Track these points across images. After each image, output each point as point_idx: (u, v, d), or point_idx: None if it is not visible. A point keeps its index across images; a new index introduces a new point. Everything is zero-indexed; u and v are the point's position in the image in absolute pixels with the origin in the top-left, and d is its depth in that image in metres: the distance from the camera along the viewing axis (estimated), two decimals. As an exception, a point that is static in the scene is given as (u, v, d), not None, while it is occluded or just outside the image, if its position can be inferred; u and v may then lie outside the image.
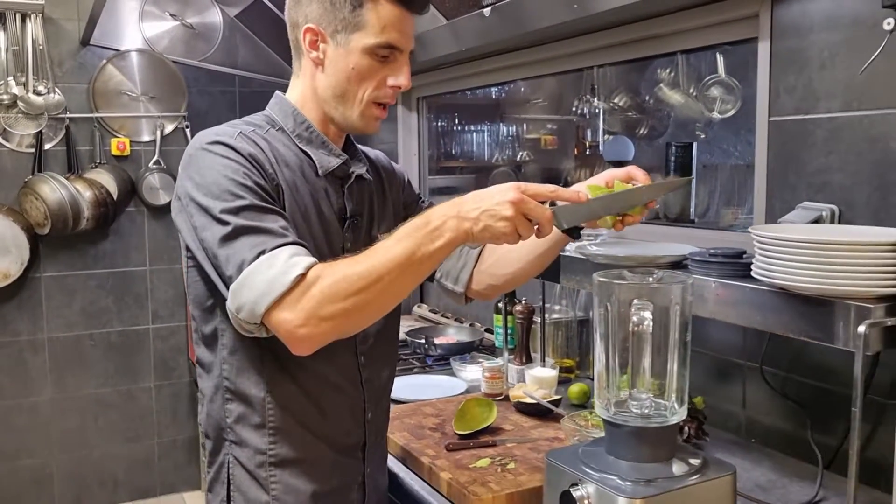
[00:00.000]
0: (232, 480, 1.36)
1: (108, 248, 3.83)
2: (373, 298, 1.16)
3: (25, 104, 3.54)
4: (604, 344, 1.26)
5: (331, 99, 1.34)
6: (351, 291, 1.14)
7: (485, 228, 1.15)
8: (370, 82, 1.32)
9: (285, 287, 1.13)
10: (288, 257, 1.15)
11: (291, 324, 1.14)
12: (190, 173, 1.26)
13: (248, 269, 1.15)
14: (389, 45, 1.30)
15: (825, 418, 1.65)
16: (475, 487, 1.47)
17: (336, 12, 1.29)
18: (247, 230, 1.18)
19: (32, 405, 3.74)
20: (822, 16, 1.61)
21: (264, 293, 1.14)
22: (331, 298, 1.14)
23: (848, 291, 1.23)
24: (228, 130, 1.30)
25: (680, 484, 1.20)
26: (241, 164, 1.24)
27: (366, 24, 1.29)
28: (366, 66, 1.31)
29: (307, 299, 1.14)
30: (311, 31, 1.31)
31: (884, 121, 1.50)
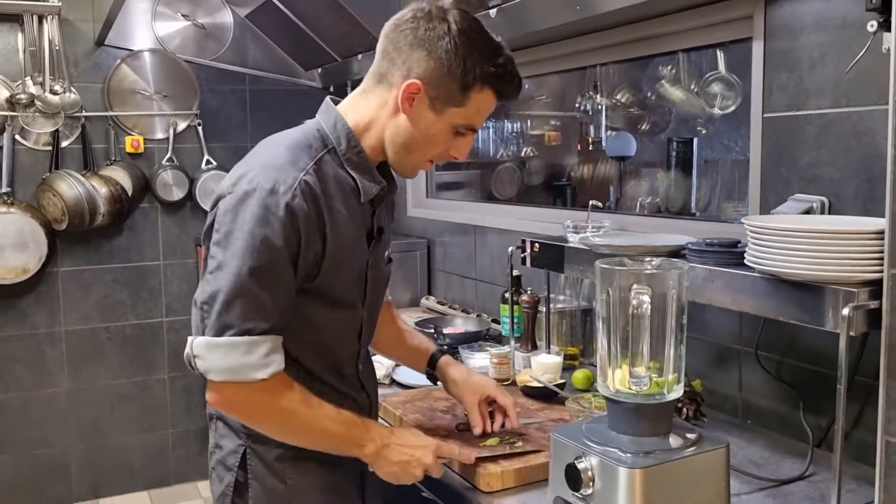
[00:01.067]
0: (250, 469, 1.44)
1: (123, 243, 3.92)
2: (286, 435, 1.39)
3: (42, 103, 3.62)
4: (605, 327, 1.35)
5: (398, 144, 1.39)
6: (281, 423, 1.36)
7: (390, 474, 1.44)
8: (438, 148, 1.41)
9: (248, 380, 1.28)
10: (265, 355, 1.28)
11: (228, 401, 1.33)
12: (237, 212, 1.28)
13: (230, 340, 1.26)
14: (472, 128, 1.41)
15: (817, 399, 1.74)
16: (485, 463, 1.56)
17: (447, 82, 1.34)
18: (251, 295, 1.26)
19: (50, 396, 3.84)
20: (812, 17, 1.70)
21: (230, 372, 1.27)
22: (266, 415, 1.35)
23: (835, 277, 1.31)
24: (290, 180, 1.30)
25: (677, 456, 1.28)
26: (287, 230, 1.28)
27: (466, 105, 1.36)
28: (444, 136, 1.39)
29: (252, 402, 1.32)
30: (415, 86, 1.34)
31: (870, 117, 1.58)
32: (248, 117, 4.11)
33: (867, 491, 1.44)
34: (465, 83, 1.34)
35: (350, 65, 3.45)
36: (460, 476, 1.60)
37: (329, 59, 3.60)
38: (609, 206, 2.93)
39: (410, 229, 3.64)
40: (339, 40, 3.33)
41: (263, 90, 4.09)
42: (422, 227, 3.55)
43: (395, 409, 1.90)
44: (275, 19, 3.57)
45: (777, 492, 1.52)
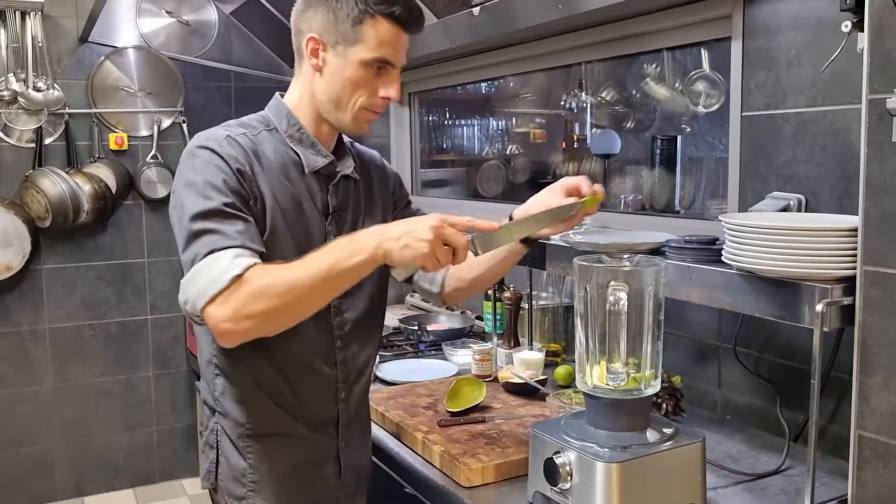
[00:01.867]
0: (220, 446, 1.51)
1: (107, 240, 3.91)
2: (293, 304, 1.27)
3: (25, 100, 3.61)
4: (584, 323, 1.36)
5: (326, 102, 1.45)
6: (273, 295, 1.25)
7: (405, 247, 1.26)
8: (363, 91, 1.43)
9: (221, 286, 1.24)
10: (232, 258, 1.26)
11: (217, 318, 1.25)
12: (179, 172, 1.39)
13: (196, 266, 1.28)
14: (383, 60, 1.42)
15: (793, 395, 1.76)
16: (466, 459, 1.58)
17: (338, 25, 1.40)
18: (206, 231, 1.30)
19: (34, 394, 3.82)
20: (789, 17, 1.72)
21: (204, 289, 1.25)
22: (256, 299, 1.25)
23: (809, 274, 1.33)
24: (218, 134, 1.42)
25: (653, 450, 1.30)
26: (220, 169, 1.35)
27: (364, 39, 1.40)
28: (360, 76, 1.42)
29: (235, 298, 1.25)
30: (313, 40, 1.42)
31: (845, 115, 1.61)
32: (233, 114, 4.02)
33: (841, 484, 1.46)
34: (353, 20, 1.39)
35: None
36: (440, 471, 1.62)
37: (314, 56, 3.59)
38: (593, 203, 2.93)
39: (395, 226, 3.63)
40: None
41: (248, 87, 4.08)
42: (407, 225, 3.55)
43: (378, 405, 1.91)
44: (259, 16, 3.57)
45: (753, 486, 1.54)
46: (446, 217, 1.31)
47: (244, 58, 4.00)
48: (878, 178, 1.17)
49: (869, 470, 1.21)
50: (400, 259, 1.27)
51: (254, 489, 1.48)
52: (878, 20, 1.16)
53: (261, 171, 1.41)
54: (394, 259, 1.27)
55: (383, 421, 1.86)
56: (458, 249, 1.30)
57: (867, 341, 1.21)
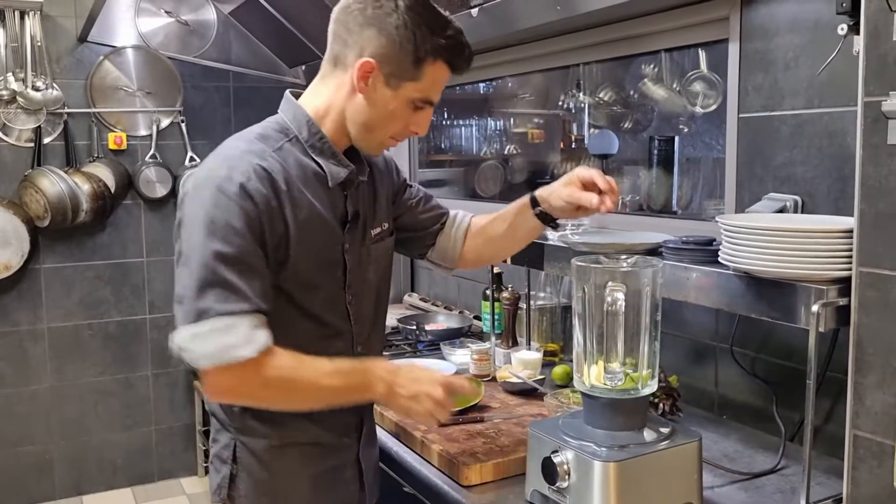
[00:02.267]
0: (238, 461, 1.45)
1: (106, 240, 3.91)
2: (291, 405, 1.38)
3: (24, 100, 3.61)
4: (581, 323, 1.37)
5: (359, 125, 1.40)
6: (282, 392, 1.33)
7: (405, 408, 1.39)
8: (398, 124, 1.42)
9: (234, 360, 1.24)
10: (248, 329, 1.25)
11: (221, 386, 1.30)
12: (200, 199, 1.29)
13: (209, 322, 1.24)
14: (429, 101, 1.41)
15: (789, 394, 1.77)
16: (464, 458, 1.59)
17: (399, 57, 1.34)
18: (223, 283, 1.25)
19: (33, 393, 3.83)
20: (786, 20, 1.73)
21: (214, 355, 1.25)
22: (264, 388, 1.30)
23: (805, 275, 1.34)
24: (247, 164, 1.32)
25: (650, 449, 1.31)
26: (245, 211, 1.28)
27: (420, 79, 1.36)
28: (402, 111, 1.40)
29: (243, 380, 1.28)
30: (368, 64, 1.34)
31: (841, 118, 1.62)
32: (232, 114, 4.11)
33: (836, 483, 1.47)
34: (417, 57, 1.35)
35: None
36: (439, 470, 1.63)
37: (313, 56, 3.60)
38: (591, 203, 2.94)
39: (394, 226, 3.64)
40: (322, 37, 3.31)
41: (247, 87, 4.09)
42: (405, 225, 3.56)
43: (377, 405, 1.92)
44: (258, 16, 3.58)
45: (749, 485, 1.55)
46: (449, 384, 1.41)
47: (243, 58, 4.01)
48: (874, 180, 1.18)
49: (864, 469, 1.22)
50: (397, 410, 1.43)
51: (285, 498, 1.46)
52: (874, 23, 1.17)
53: (287, 196, 1.35)
54: (392, 407, 1.43)
55: (382, 420, 1.87)
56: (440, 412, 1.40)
57: (862, 342, 1.22)
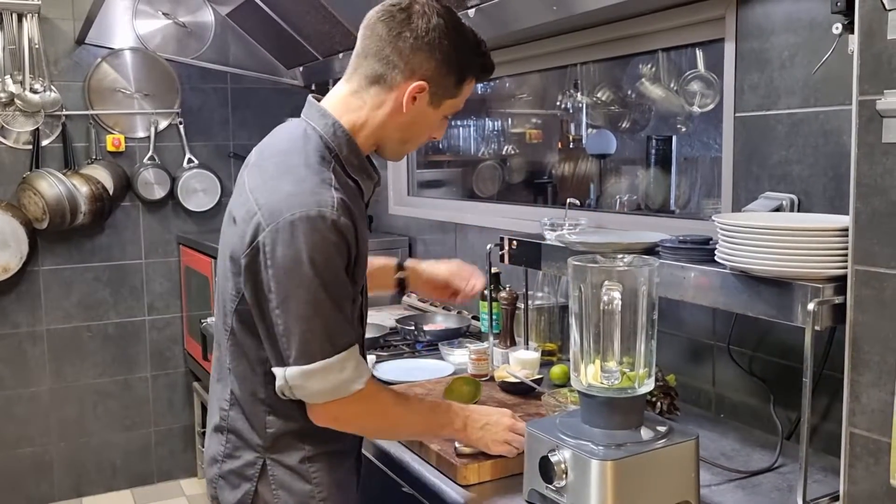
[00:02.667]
0: (273, 479, 1.46)
1: (105, 241, 3.92)
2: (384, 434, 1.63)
3: (22, 102, 3.62)
4: (578, 323, 1.38)
5: (397, 138, 1.46)
6: (379, 423, 1.49)
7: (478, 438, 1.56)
8: (427, 132, 1.50)
9: (348, 394, 1.36)
10: (355, 366, 1.36)
11: (334, 415, 1.39)
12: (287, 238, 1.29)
13: (323, 363, 1.32)
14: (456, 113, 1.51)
15: (786, 393, 1.78)
16: (462, 458, 1.59)
17: (446, 80, 1.42)
18: (332, 324, 1.33)
19: (32, 395, 3.83)
20: (782, 19, 1.73)
21: (330, 392, 1.34)
22: (368, 416, 1.45)
23: (801, 273, 1.35)
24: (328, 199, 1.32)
25: (647, 448, 1.32)
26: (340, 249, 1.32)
27: (458, 96, 1.46)
28: (435, 123, 1.49)
29: (352, 411, 1.40)
30: (420, 86, 1.39)
31: (837, 116, 1.62)
32: (230, 116, 4.11)
33: (834, 481, 1.48)
34: (460, 78, 1.43)
35: (331, 63, 3.47)
36: (437, 470, 1.63)
37: (310, 57, 3.61)
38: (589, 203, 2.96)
39: (392, 227, 3.66)
40: (320, 39, 3.35)
41: (245, 88, 4.10)
42: (403, 225, 3.57)
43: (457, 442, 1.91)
44: (256, 18, 3.58)
45: (746, 483, 1.56)
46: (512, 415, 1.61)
47: (241, 59, 4.01)
48: (869, 179, 1.18)
49: (860, 467, 1.23)
50: (471, 441, 1.57)
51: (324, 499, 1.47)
52: (868, 22, 1.17)
53: (359, 221, 1.39)
54: (468, 440, 1.57)
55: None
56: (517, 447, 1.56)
57: (858, 340, 1.22)
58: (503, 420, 1.57)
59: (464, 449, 1.60)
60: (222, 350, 1.49)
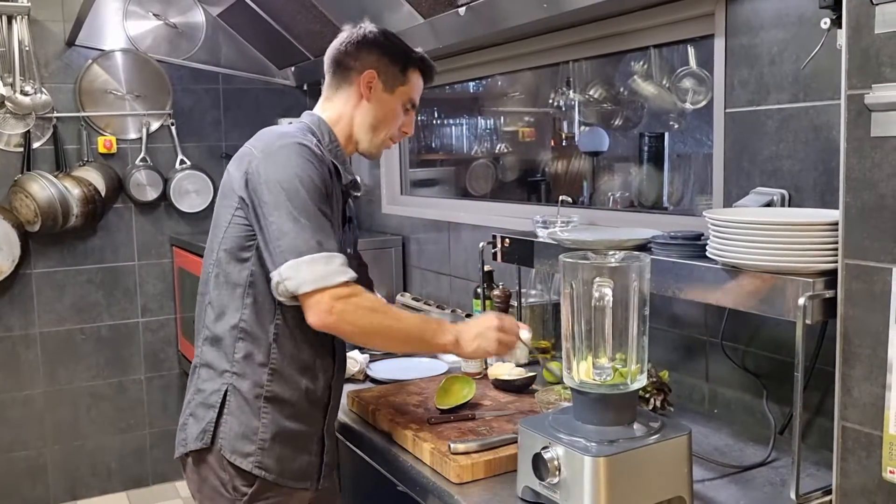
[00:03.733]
0: (227, 406, 1.62)
1: (97, 243, 3.91)
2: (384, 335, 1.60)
3: (13, 104, 3.60)
4: (570, 319, 1.38)
5: (365, 126, 1.74)
6: (376, 320, 1.56)
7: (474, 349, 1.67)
8: (394, 124, 1.78)
9: (335, 283, 1.50)
10: (341, 263, 1.52)
11: (328, 309, 1.50)
12: (272, 162, 1.56)
13: (311, 256, 1.49)
14: (413, 103, 1.79)
15: (779, 388, 1.78)
16: (456, 455, 1.59)
17: (391, 67, 1.74)
18: (312, 226, 1.51)
19: (26, 398, 3.82)
20: (771, 14, 1.74)
21: (318, 279, 1.49)
22: (363, 314, 1.54)
23: (791, 267, 1.35)
24: (305, 138, 1.62)
25: (640, 444, 1.32)
26: (318, 169, 1.57)
27: (407, 83, 1.76)
28: (397, 111, 1.77)
29: (347, 302, 1.51)
30: (370, 74, 1.72)
31: (826, 111, 1.62)
32: (222, 116, 4.10)
33: (827, 475, 1.48)
34: (403, 66, 1.76)
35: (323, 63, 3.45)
36: (431, 468, 1.63)
37: (302, 57, 3.60)
38: (583, 201, 2.96)
39: (385, 226, 3.66)
40: (311, 39, 3.34)
41: (237, 89, 4.09)
42: (397, 225, 3.57)
43: (369, 403, 1.93)
44: (247, 18, 3.58)
45: (740, 478, 1.56)
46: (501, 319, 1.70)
47: (232, 60, 4.01)
48: (858, 173, 1.19)
49: (853, 460, 1.23)
50: (471, 354, 1.70)
51: (262, 447, 1.61)
52: (856, 17, 1.17)
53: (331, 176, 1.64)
54: (464, 353, 1.70)
55: (374, 419, 1.87)
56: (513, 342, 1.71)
57: (849, 333, 1.22)
58: (491, 324, 1.67)
59: (458, 447, 1.60)
60: (205, 298, 1.69)
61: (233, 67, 4.01)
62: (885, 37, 1.14)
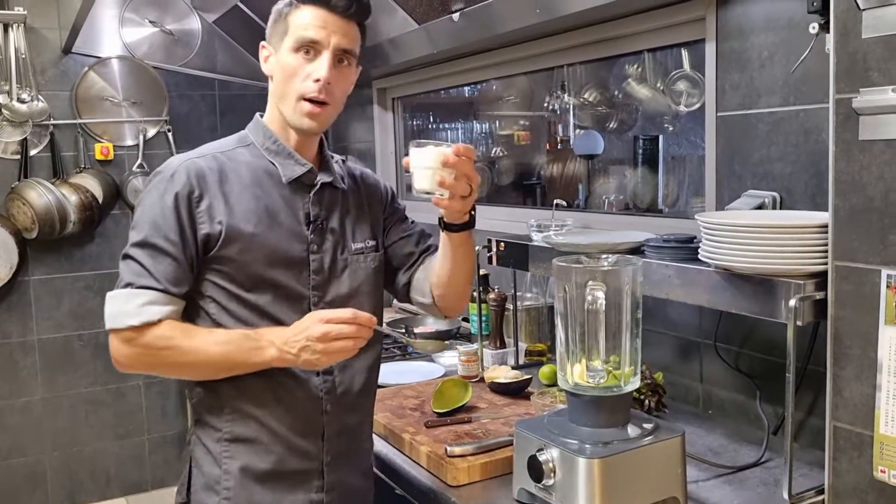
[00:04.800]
0: (192, 455, 1.51)
1: (95, 250, 3.91)
2: (182, 369, 1.45)
3: (10, 112, 3.61)
4: (563, 323, 1.39)
5: (278, 102, 1.49)
6: (167, 362, 1.40)
7: (303, 363, 1.39)
8: (296, 78, 1.44)
9: (123, 326, 1.37)
10: (142, 304, 1.37)
11: (117, 354, 1.41)
12: (141, 196, 1.47)
13: (115, 292, 1.40)
14: (309, 41, 1.43)
15: (772, 388, 1.80)
16: (452, 458, 1.60)
17: (274, 27, 1.48)
18: (135, 260, 1.40)
19: (24, 405, 3.82)
20: (760, 19, 1.75)
21: (112, 319, 1.39)
22: (151, 355, 1.39)
23: (782, 269, 1.37)
24: (177, 161, 1.47)
25: (634, 445, 1.33)
26: (164, 204, 1.41)
27: (289, 30, 1.44)
28: (291, 64, 1.44)
29: (135, 344, 1.38)
30: (263, 48, 1.51)
31: (816, 114, 1.64)
32: (219, 122, 4.11)
33: (819, 475, 1.49)
34: (282, 16, 1.46)
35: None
36: (427, 471, 1.64)
37: (297, 63, 3.61)
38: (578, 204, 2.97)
39: (382, 231, 3.65)
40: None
41: (233, 95, 4.10)
42: (393, 229, 3.57)
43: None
44: (242, 24, 3.58)
45: (733, 478, 1.57)
46: (324, 316, 1.38)
47: (228, 66, 4.02)
48: (847, 175, 1.20)
49: (844, 460, 1.24)
50: (303, 365, 1.39)
51: (227, 497, 1.45)
52: (844, 22, 1.19)
53: (218, 190, 1.45)
54: (297, 365, 1.40)
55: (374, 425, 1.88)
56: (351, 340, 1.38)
57: (839, 334, 1.24)
58: (315, 333, 1.36)
59: (454, 450, 1.61)
60: None
61: (229, 74, 4.02)
62: (872, 41, 1.15)
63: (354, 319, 1.37)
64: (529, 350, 2.39)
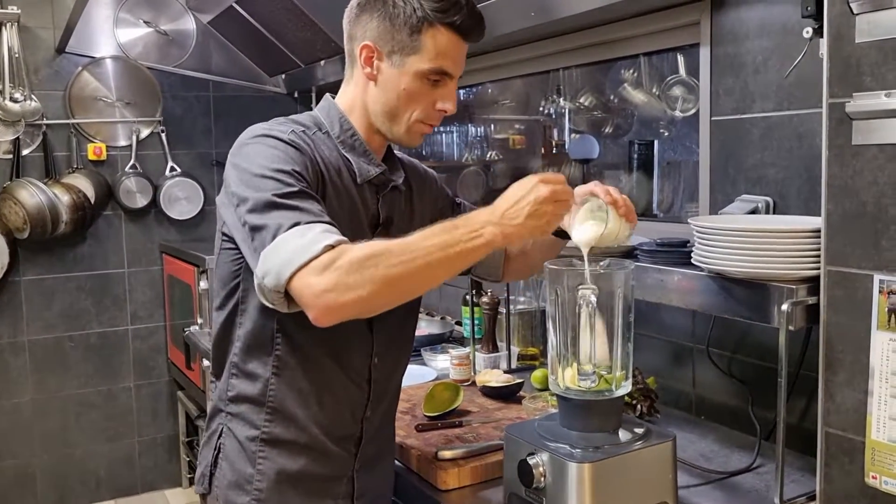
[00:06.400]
0: (222, 449, 1.43)
1: (87, 251, 3.90)
2: (401, 277, 1.17)
3: (2, 111, 3.60)
4: (555, 326, 1.38)
5: (380, 114, 1.39)
6: (381, 265, 1.16)
7: (534, 228, 1.25)
8: (419, 104, 1.38)
9: (314, 254, 1.14)
10: (321, 231, 1.18)
11: (317, 287, 1.14)
12: (238, 161, 1.30)
13: (281, 236, 1.17)
14: (441, 72, 1.35)
15: (765, 394, 1.79)
16: (442, 462, 1.59)
17: (395, 33, 1.34)
18: (286, 206, 1.21)
19: (14, 406, 3.80)
20: (755, 24, 1.75)
21: (292, 258, 1.15)
22: (359, 269, 1.14)
23: (775, 274, 1.36)
24: (281, 127, 1.34)
25: (624, 450, 1.32)
26: (290, 156, 1.28)
27: (422, 49, 1.33)
28: (416, 88, 1.36)
29: (335, 267, 1.14)
30: (367, 48, 1.36)
31: (809, 119, 1.64)
32: (213, 124, 4.10)
33: (811, 481, 1.49)
34: (411, 28, 1.33)
35: (314, 71, 3.47)
36: (417, 475, 1.63)
37: (293, 65, 3.61)
38: (572, 208, 2.96)
39: (376, 234, 3.65)
40: (302, 46, 3.35)
41: (227, 96, 4.09)
42: (387, 232, 3.56)
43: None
44: (238, 26, 3.58)
45: (724, 484, 1.56)
46: (542, 177, 1.27)
47: (223, 67, 4.00)
48: (839, 181, 1.20)
49: (836, 466, 1.24)
50: (528, 235, 1.26)
51: (258, 498, 1.40)
52: (837, 26, 1.19)
53: (323, 169, 1.35)
54: (517, 239, 1.25)
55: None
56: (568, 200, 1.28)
57: (831, 340, 1.23)
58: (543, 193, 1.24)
59: (445, 454, 1.60)
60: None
61: (223, 75, 4.01)
62: (865, 46, 1.15)
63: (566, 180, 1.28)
64: (522, 354, 2.39)
